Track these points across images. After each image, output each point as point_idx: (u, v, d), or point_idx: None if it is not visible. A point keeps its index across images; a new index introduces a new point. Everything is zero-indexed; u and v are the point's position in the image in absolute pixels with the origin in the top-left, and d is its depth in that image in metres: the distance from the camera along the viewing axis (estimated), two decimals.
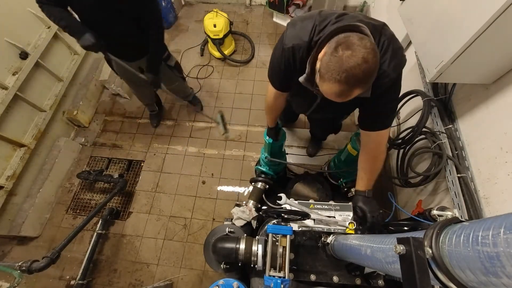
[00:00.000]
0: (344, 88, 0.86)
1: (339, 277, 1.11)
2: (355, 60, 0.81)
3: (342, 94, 0.89)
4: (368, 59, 0.82)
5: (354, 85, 0.85)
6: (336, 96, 0.91)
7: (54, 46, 2.55)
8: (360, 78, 0.83)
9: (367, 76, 0.84)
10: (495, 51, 1.04)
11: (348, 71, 0.82)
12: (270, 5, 3.18)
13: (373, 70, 0.85)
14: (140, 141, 2.79)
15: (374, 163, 1.23)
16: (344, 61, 0.82)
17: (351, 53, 0.81)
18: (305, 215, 1.13)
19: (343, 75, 0.83)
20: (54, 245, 2.30)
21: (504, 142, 1.14)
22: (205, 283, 2.15)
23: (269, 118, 1.53)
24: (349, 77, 0.83)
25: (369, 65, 0.82)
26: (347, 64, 0.81)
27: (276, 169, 2.00)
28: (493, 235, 0.39)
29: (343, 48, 0.83)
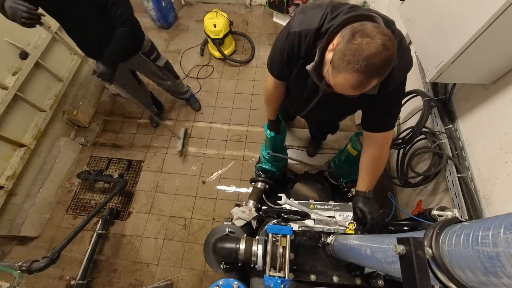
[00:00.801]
0: (362, 78, 0.80)
1: (339, 277, 1.11)
2: (375, 47, 0.75)
3: (359, 85, 0.82)
4: (389, 46, 0.77)
5: (373, 74, 0.80)
6: (352, 88, 0.84)
7: (54, 46, 2.55)
8: (380, 66, 0.78)
9: (387, 65, 0.79)
10: (495, 51, 1.04)
11: (369, 59, 0.76)
12: (270, 5, 3.18)
13: (393, 58, 0.80)
14: (140, 141, 2.79)
15: (377, 164, 1.22)
16: (364, 48, 0.76)
17: (370, 40, 0.76)
18: (305, 215, 1.13)
19: (363, 63, 0.77)
20: (54, 245, 2.30)
21: (504, 142, 1.14)
22: (205, 283, 2.15)
23: (269, 109, 1.48)
24: (369, 66, 0.77)
25: (390, 52, 0.77)
26: (367, 52, 0.76)
27: (278, 165, 1.97)
28: (493, 235, 0.39)
29: (360, 35, 0.77)
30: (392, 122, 1.16)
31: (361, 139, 1.64)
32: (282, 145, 1.82)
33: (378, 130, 1.16)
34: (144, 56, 2.03)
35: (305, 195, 1.88)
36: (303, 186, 1.92)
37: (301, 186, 1.92)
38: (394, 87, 1.01)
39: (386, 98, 1.06)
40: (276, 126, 1.57)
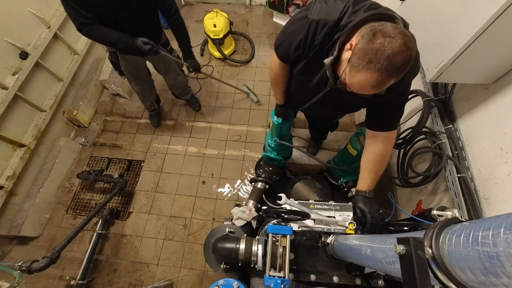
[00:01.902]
0: (383, 77, 0.81)
1: (339, 277, 1.11)
2: (397, 46, 0.77)
3: (378, 84, 0.83)
4: (409, 46, 0.78)
5: (393, 74, 0.81)
6: (371, 87, 0.85)
7: (54, 46, 2.55)
8: (400, 66, 0.79)
9: (406, 64, 0.80)
10: (495, 51, 1.04)
11: (390, 59, 0.77)
12: (270, 5, 3.18)
13: (412, 58, 0.81)
14: (140, 141, 2.79)
15: (379, 163, 1.22)
16: (386, 48, 0.77)
17: (392, 39, 0.77)
18: (305, 215, 1.13)
19: (384, 63, 0.78)
20: (54, 245, 2.30)
21: (504, 142, 1.14)
22: (205, 283, 2.15)
23: (276, 92, 1.46)
24: (390, 65, 0.78)
25: (410, 52, 0.78)
26: (390, 51, 0.77)
27: (284, 154, 1.95)
28: (493, 235, 0.39)
29: (382, 35, 0.78)
30: (396, 122, 1.17)
31: (361, 139, 1.64)
32: (288, 132, 1.80)
33: (382, 129, 1.17)
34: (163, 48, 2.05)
35: (305, 195, 1.88)
36: (303, 186, 1.92)
37: (301, 186, 1.92)
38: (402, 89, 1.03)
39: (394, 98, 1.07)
40: (283, 112, 1.54)
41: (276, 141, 1.72)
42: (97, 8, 1.52)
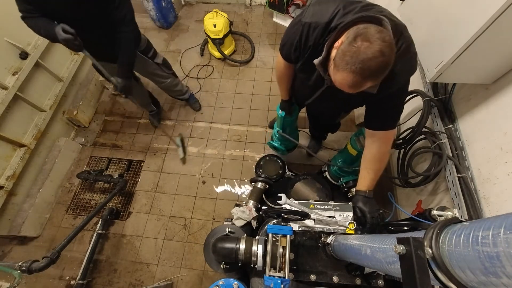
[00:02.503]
0: (358, 79, 0.86)
1: (339, 277, 1.11)
2: (372, 52, 0.81)
3: (354, 85, 0.89)
4: (385, 52, 0.81)
5: (368, 77, 0.85)
6: (348, 87, 0.90)
7: (54, 46, 2.55)
8: (374, 70, 0.83)
9: (382, 69, 0.84)
10: (495, 51, 1.04)
11: (364, 63, 0.82)
12: (270, 5, 3.18)
13: (388, 64, 0.85)
14: (140, 141, 2.79)
15: (378, 163, 1.23)
16: (361, 52, 0.82)
17: (369, 45, 0.81)
18: (305, 215, 1.13)
19: (358, 66, 0.83)
20: (54, 245, 2.30)
21: (504, 142, 1.14)
22: (205, 283, 2.15)
23: (281, 88, 1.56)
24: (364, 69, 0.83)
25: (385, 58, 0.82)
26: (364, 56, 0.81)
27: (287, 145, 2.07)
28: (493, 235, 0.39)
29: (361, 39, 0.82)
30: (394, 121, 1.19)
31: (361, 139, 1.64)
32: (293, 127, 1.91)
33: (380, 128, 1.19)
34: (142, 54, 2.01)
35: (305, 195, 1.88)
36: (303, 186, 1.92)
37: (301, 186, 1.92)
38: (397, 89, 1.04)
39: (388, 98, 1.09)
40: (287, 107, 1.64)
41: (279, 132, 1.83)
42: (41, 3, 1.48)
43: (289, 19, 3.31)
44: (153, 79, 2.32)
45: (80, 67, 2.85)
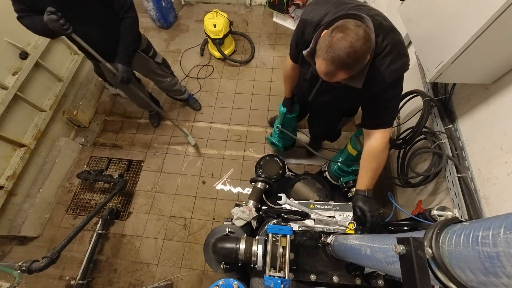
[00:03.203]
0: (330, 67, 0.94)
1: (339, 277, 1.11)
2: (343, 43, 0.88)
3: (328, 73, 0.97)
4: (356, 45, 0.88)
5: (339, 66, 0.93)
6: (323, 74, 0.99)
7: (54, 46, 2.55)
8: (344, 60, 0.90)
9: (352, 60, 0.91)
10: (495, 51, 1.04)
11: (334, 52, 0.90)
12: (270, 5, 3.18)
13: (359, 56, 0.91)
14: (140, 141, 2.79)
15: (375, 162, 1.25)
16: (333, 42, 0.90)
17: (342, 36, 0.89)
18: (305, 215, 1.13)
19: (330, 54, 0.91)
20: (54, 245, 2.30)
21: (504, 142, 1.14)
22: (205, 283, 2.15)
23: (286, 87, 1.68)
24: (334, 57, 0.91)
25: (354, 50, 0.89)
26: (335, 46, 0.89)
27: (285, 143, 2.17)
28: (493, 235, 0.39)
29: (337, 30, 0.91)
30: (390, 120, 1.21)
31: (361, 139, 1.64)
32: (292, 124, 1.99)
33: (375, 127, 1.23)
34: (143, 53, 2.03)
35: (305, 195, 1.88)
36: (303, 186, 1.92)
37: (301, 186, 1.92)
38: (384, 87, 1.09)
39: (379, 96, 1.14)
40: (289, 103, 1.75)
41: (278, 127, 1.92)
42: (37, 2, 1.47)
43: (289, 19, 3.31)
44: (153, 78, 2.32)
45: (80, 67, 2.85)
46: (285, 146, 2.17)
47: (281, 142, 2.17)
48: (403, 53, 1.07)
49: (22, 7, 1.51)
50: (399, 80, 1.12)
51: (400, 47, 1.05)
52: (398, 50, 1.04)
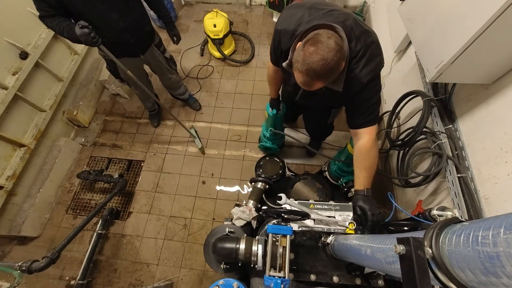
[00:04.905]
0: (306, 79, 0.99)
1: (339, 277, 1.12)
2: (315, 57, 0.93)
3: (305, 83, 1.02)
4: (327, 58, 0.93)
5: (314, 78, 0.97)
6: (301, 84, 1.04)
7: (54, 46, 2.55)
8: (318, 72, 0.95)
9: (326, 72, 0.95)
10: (495, 51, 1.04)
11: (308, 65, 0.94)
12: (270, 5, 3.18)
13: (332, 67, 0.95)
14: (140, 141, 2.79)
15: (367, 160, 1.27)
16: (306, 56, 0.95)
17: (314, 49, 0.93)
18: (305, 215, 1.13)
19: (304, 68, 0.96)
20: (54, 245, 2.30)
21: (504, 142, 1.14)
22: (205, 283, 2.15)
23: (271, 89, 1.71)
24: (309, 71, 0.95)
25: (327, 62, 0.93)
26: (308, 60, 0.94)
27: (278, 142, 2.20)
28: (493, 235, 0.39)
29: (309, 44, 0.95)
30: (372, 118, 1.25)
31: None
32: (281, 123, 2.02)
33: (360, 126, 1.27)
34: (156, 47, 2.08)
35: (305, 195, 1.89)
36: (303, 186, 1.92)
37: (301, 186, 1.92)
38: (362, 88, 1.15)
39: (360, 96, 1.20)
40: (277, 104, 1.79)
41: (271, 130, 1.92)
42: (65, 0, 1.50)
43: None
44: (162, 73, 2.34)
45: (80, 67, 2.85)
46: (280, 146, 2.19)
47: (275, 143, 2.18)
48: (376, 53, 1.11)
49: (44, 6, 1.51)
50: (376, 79, 1.16)
51: (373, 47, 1.10)
52: (371, 52, 1.09)
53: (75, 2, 1.52)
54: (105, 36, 1.60)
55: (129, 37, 1.79)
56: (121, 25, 1.70)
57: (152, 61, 2.15)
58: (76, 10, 1.56)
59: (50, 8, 1.52)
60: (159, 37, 2.09)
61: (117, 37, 1.74)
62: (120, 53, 1.82)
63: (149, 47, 2.01)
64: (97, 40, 1.54)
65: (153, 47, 2.05)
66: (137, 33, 1.83)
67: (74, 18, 1.62)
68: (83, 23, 1.47)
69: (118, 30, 1.71)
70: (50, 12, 1.53)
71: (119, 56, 1.79)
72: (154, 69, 2.30)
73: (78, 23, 1.47)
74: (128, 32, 1.76)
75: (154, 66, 2.25)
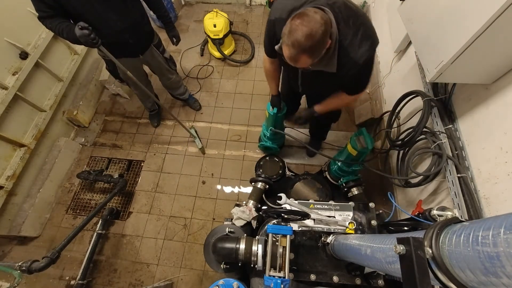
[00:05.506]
0: (292, 51, 1.01)
1: (339, 277, 1.12)
2: (300, 27, 0.96)
3: (291, 57, 1.04)
4: (312, 29, 0.95)
5: (299, 50, 0.99)
6: (289, 59, 1.06)
7: (54, 46, 2.55)
8: (303, 44, 0.97)
9: (310, 43, 0.97)
10: (495, 51, 1.04)
11: (294, 37, 0.97)
12: (270, 5, 3.18)
13: (317, 39, 0.97)
14: (140, 141, 2.79)
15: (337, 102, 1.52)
16: (292, 29, 0.97)
17: (300, 22, 0.96)
18: (305, 215, 1.13)
19: (290, 40, 0.98)
20: (54, 245, 2.30)
21: (504, 142, 1.14)
22: (205, 283, 2.15)
23: (270, 85, 1.70)
24: (294, 42, 0.98)
25: (311, 33, 0.96)
26: (294, 31, 0.97)
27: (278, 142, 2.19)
28: (493, 235, 0.39)
29: (296, 17, 0.98)
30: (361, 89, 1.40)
31: (361, 139, 1.64)
32: (282, 122, 2.00)
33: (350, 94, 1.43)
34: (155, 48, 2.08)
35: (305, 195, 1.89)
36: (303, 186, 1.92)
37: (301, 186, 1.92)
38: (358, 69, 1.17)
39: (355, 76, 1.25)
40: (278, 101, 1.77)
41: (272, 130, 1.90)
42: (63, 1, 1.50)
43: None
44: (162, 73, 2.34)
45: (80, 67, 2.85)
46: (280, 145, 2.18)
47: (275, 143, 2.17)
48: (368, 34, 1.13)
49: (42, 7, 1.51)
50: (370, 60, 1.19)
51: (364, 29, 1.12)
52: (362, 33, 1.11)
53: (74, 2, 1.52)
54: (104, 36, 1.59)
55: (128, 37, 1.79)
56: (120, 26, 1.70)
57: (152, 61, 2.15)
58: (75, 10, 1.55)
59: (49, 9, 1.52)
60: (158, 38, 2.09)
61: (116, 37, 1.74)
62: (120, 53, 1.82)
63: (148, 47, 2.01)
64: (97, 41, 1.53)
65: (153, 47, 2.05)
66: (136, 33, 1.82)
67: (73, 18, 1.61)
68: (83, 24, 1.46)
69: (117, 31, 1.71)
70: (49, 13, 1.53)
71: (118, 57, 1.78)
72: (154, 69, 2.30)
73: (78, 24, 1.46)
74: (127, 32, 1.76)
75: (153, 67, 2.25)
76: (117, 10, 1.66)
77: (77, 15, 1.58)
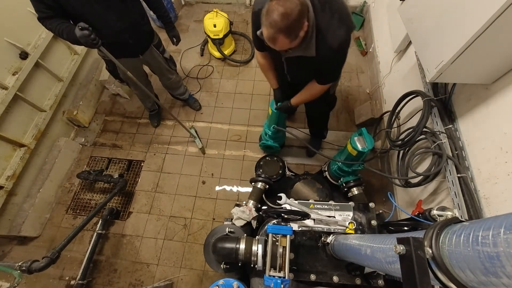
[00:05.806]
0: (270, 31, 1.06)
1: (339, 277, 1.12)
2: (277, 8, 1.00)
3: (269, 38, 1.09)
4: (288, 8, 1.00)
5: (276, 30, 1.04)
6: (268, 40, 1.10)
7: (54, 46, 2.55)
8: (279, 23, 1.02)
9: (286, 23, 1.02)
10: (495, 51, 1.04)
11: (271, 17, 1.02)
12: None
13: (293, 19, 1.02)
14: (140, 141, 2.79)
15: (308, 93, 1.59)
16: (269, 9, 1.02)
17: (276, 2, 1.01)
18: (305, 215, 1.13)
19: (267, 21, 1.03)
20: (54, 245, 2.30)
21: (504, 142, 1.14)
22: (205, 283, 2.15)
23: (268, 79, 1.74)
24: (271, 22, 1.02)
25: (286, 12, 1.00)
26: (271, 11, 1.02)
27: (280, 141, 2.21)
28: (493, 235, 0.39)
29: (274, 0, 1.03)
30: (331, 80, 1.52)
31: (361, 139, 1.64)
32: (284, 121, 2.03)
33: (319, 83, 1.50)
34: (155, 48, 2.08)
35: (305, 195, 1.89)
36: (303, 186, 1.92)
37: (301, 186, 1.92)
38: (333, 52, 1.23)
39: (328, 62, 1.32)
40: (280, 94, 1.79)
41: (274, 127, 1.91)
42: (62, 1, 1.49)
43: None
44: (162, 73, 2.34)
45: (80, 67, 2.85)
46: (281, 144, 2.18)
47: (277, 141, 2.18)
48: (344, 19, 1.18)
49: (42, 7, 1.51)
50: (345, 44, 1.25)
51: (340, 14, 1.17)
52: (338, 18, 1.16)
53: (74, 3, 1.52)
54: (104, 36, 1.59)
55: (128, 37, 1.79)
56: (120, 26, 1.70)
57: (152, 61, 2.15)
58: (75, 11, 1.55)
59: (48, 10, 1.51)
60: (158, 38, 2.09)
61: (116, 37, 1.74)
62: (119, 53, 1.82)
63: (148, 47, 2.01)
64: (97, 42, 1.53)
65: (152, 47, 2.05)
66: (136, 33, 1.82)
67: (73, 19, 1.61)
68: (83, 25, 1.45)
69: (117, 31, 1.71)
70: (48, 13, 1.53)
71: (118, 57, 1.78)
72: (154, 69, 2.30)
73: (78, 24, 1.46)
74: (127, 33, 1.76)
75: (153, 67, 2.25)
76: (117, 10, 1.66)
77: (76, 16, 1.58)
